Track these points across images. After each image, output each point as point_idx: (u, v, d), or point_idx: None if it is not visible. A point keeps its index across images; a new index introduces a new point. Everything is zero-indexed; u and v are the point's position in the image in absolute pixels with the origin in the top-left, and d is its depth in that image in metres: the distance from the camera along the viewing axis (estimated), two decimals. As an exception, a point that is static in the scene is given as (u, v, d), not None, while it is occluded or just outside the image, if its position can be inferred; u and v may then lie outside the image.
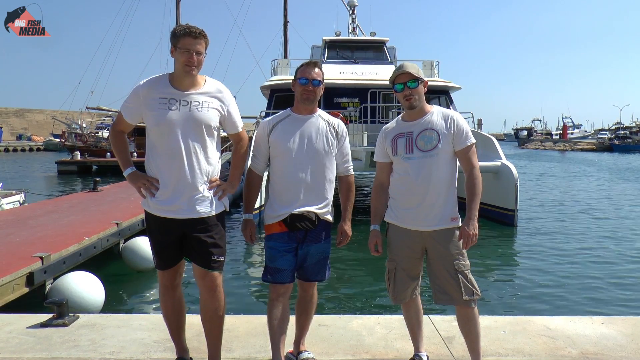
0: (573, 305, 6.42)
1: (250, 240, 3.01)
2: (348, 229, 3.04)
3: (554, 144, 76.91)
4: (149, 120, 2.70)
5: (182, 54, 2.62)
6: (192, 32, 2.62)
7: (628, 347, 3.34)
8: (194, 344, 3.26)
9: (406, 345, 3.32)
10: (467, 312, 2.84)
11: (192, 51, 2.61)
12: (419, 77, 2.85)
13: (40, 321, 3.73)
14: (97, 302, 5.66)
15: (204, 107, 2.71)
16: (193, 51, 2.62)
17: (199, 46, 2.64)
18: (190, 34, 2.62)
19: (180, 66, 2.65)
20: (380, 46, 18.08)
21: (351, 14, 22.05)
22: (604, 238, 10.55)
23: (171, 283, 2.91)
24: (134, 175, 2.78)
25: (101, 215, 9.05)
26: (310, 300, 3.12)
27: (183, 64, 2.63)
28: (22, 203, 11.88)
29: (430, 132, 2.84)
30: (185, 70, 2.64)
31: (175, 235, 2.77)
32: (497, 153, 12.49)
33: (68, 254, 6.33)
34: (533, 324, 3.75)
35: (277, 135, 2.92)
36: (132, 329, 3.65)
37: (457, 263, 2.81)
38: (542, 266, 8.30)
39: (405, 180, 2.86)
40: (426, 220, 2.84)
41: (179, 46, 2.62)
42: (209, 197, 2.75)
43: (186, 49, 2.61)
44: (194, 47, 2.62)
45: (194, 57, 2.62)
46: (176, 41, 2.64)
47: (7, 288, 5.14)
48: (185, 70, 2.64)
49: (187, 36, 2.62)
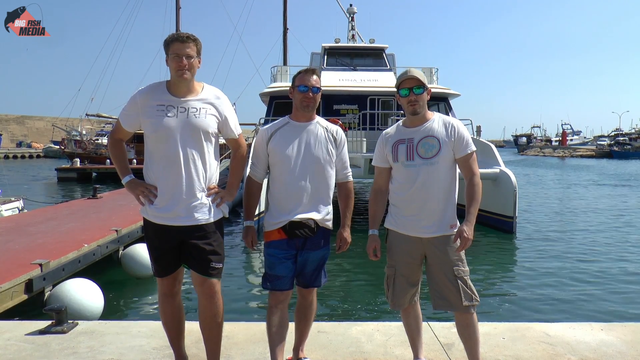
0: (572, 312, 6.41)
1: (252, 246, 3.02)
2: (347, 236, 3.04)
3: (553, 151, 77.00)
4: (147, 128, 2.71)
5: (172, 59, 2.66)
6: (179, 37, 2.67)
7: (628, 354, 3.34)
8: (193, 350, 3.26)
9: (405, 352, 3.32)
10: (467, 318, 2.84)
11: (182, 55, 2.65)
12: (425, 84, 2.87)
13: (39, 328, 3.73)
14: (96, 309, 5.65)
15: (202, 114, 2.72)
16: (182, 55, 2.65)
17: (188, 50, 2.67)
18: (178, 38, 2.67)
19: (173, 72, 2.68)
20: (379, 53, 18.15)
21: (350, 21, 22.15)
22: (603, 245, 10.54)
23: (170, 290, 2.91)
24: (132, 183, 2.80)
25: (100, 222, 9.04)
26: (309, 306, 3.12)
27: (175, 70, 2.66)
28: (21, 210, 11.86)
29: (431, 139, 2.85)
30: (177, 75, 2.67)
31: (174, 243, 2.77)
32: (495, 160, 12.50)
33: (67, 261, 6.32)
34: (532, 331, 3.74)
35: (276, 142, 2.93)
36: (131, 336, 3.64)
37: (456, 269, 2.82)
38: (541, 273, 8.30)
39: (406, 188, 2.87)
40: (426, 227, 2.85)
41: (170, 52, 2.67)
42: (207, 204, 2.76)
43: (175, 54, 2.65)
44: (183, 51, 2.65)
45: (183, 60, 2.65)
46: (167, 49, 2.69)
47: (6, 295, 5.13)
48: (177, 75, 2.67)
49: (175, 42, 2.66)
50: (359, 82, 15.91)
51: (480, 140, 13.61)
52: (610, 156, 63.78)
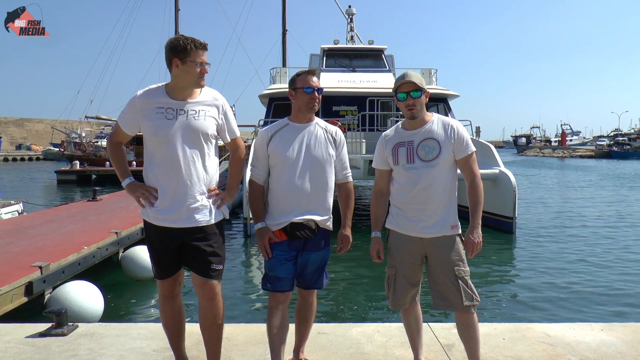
0: (572, 312, 6.41)
1: (266, 253, 2.91)
2: (349, 235, 3.04)
3: (552, 151, 77.05)
4: (147, 130, 2.71)
5: (195, 66, 2.66)
6: (202, 45, 2.68)
7: (628, 354, 3.34)
8: (194, 352, 3.26)
9: (405, 352, 3.32)
10: (467, 318, 2.84)
11: (204, 63, 2.68)
12: (422, 88, 2.87)
13: (39, 330, 3.72)
14: (96, 312, 5.65)
15: (201, 116, 2.73)
16: (205, 63, 2.69)
17: (205, 57, 2.70)
18: (201, 46, 2.67)
19: (194, 78, 2.68)
20: (378, 54, 18.16)
21: (349, 22, 22.16)
22: (603, 245, 10.55)
23: (170, 292, 2.91)
24: (132, 186, 2.80)
25: (100, 224, 9.05)
26: (309, 308, 3.12)
27: (197, 77, 2.67)
28: (20, 213, 11.87)
29: (431, 141, 2.85)
30: (200, 83, 2.71)
31: (174, 244, 2.77)
32: (495, 160, 12.50)
33: (67, 264, 6.32)
34: (532, 331, 3.74)
35: (275, 144, 2.93)
36: (131, 338, 3.64)
37: (457, 269, 2.82)
38: (541, 273, 8.30)
39: (407, 190, 2.87)
40: (427, 228, 2.85)
41: (190, 60, 2.65)
42: (207, 205, 2.76)
43: (200, 62, 2.67)
44: (205, 59, 2.69)
45: (205, 68, 2.69)
46: (184, 55, 2.64)
47: (6, 298, 5.13)
48: (200, 84, 2.71)
49: (200, 49, 2.67)
50: (358, 83, 15.92)
51: (479, 141, 13.62)
52: (610, 156, 63.83)
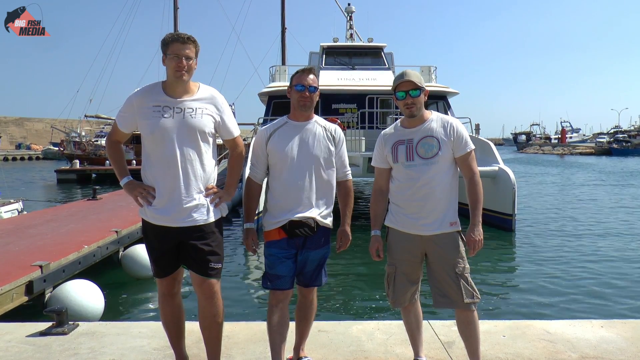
0: (572, 309, 6.41)
1: (252, 250, 3.02)
2: (348, 233, 3.05)
3: (552, 148, 77.01)
4: (144, 129, 2.70)
5: (171, 59, 2.63)
6: (180, 38, 2.65)
7: (628, 351, 3.34)
8: (194, 351, 3.27)
9: (406, 350, 3.32)
10: (468, 315, 2.85)
11: (181, 56, 2.63)
12: (421, 86, 2.87)
13: (40, 330, 3.73)
14: (97, 310, 5.65)
15: (198, 114, 2.72)
16: (182, 56, 2.63)
17: (188, 51, 2.65)
18: (178, 39, 2.64)
19: (171, 72, 2.66)
20: (377, 52, 18.16)
21: (349, 20, 22.17)
22: (603, 241, 10.55)
23: (170, 291, 2.91)
24: (130, 185, 2.79)
25: (100, 223, 9.04)
26: (310, 305, 3.12)
27: (173, 70, 2.64)
28: (20, 211, 11.87)
29: (430, 139, 2.86)
30: (176, 76, 2.65)
31: (173, 243, 2.77)
32: (494, 158, 12.49)
33: (67, 263, 6.32)
34: (533, 328, 3.75)
35: (274, 142, 2.93)
36: (131, 337, 3.65)
37: (457, 266, 2.83)
38: (541, 270, 8.31)
39: (406, 187, 2.87)
40: (426, 225, 2.85)
41: (169, 53, 2.64)
42: (205, 204, 2.76)
43: (175, 55, 2.63)
44: (182, 52, 2.63)
45: (183, 62, 2.63)
46: (166, 48, 2.66)
47: (6, 297, 5.13)
48: (176, 76, 2.65)
49: (175, 42, 2.64)
50: (358, 81, 15.92)
51: (479, 139, 13.60)
52: (610, 153, 63.84)
